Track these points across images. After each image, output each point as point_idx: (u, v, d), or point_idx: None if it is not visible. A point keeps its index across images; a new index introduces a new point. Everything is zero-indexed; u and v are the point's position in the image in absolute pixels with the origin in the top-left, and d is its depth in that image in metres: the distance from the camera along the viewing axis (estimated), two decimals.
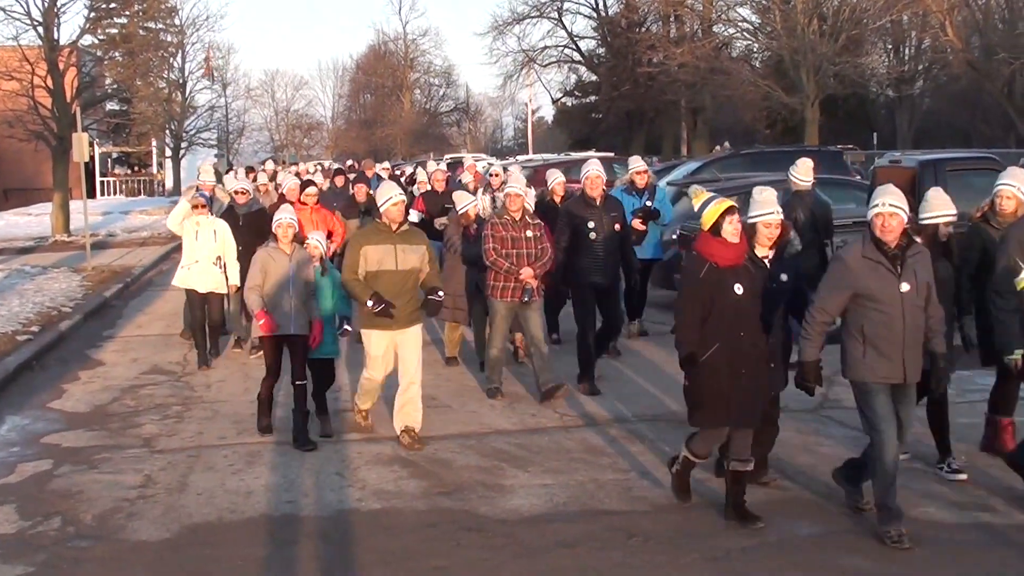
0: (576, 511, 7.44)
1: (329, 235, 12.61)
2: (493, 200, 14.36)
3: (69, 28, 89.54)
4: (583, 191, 11.17)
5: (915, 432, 8.98)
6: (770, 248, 7.33)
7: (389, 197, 8.94)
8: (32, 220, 35.67)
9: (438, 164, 20.84)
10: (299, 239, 9.62)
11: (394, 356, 9.15)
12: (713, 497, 7.64)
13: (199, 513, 7.58)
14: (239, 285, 11.99)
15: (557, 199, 12.85)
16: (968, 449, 8.39)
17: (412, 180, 21.93)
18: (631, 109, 56.92)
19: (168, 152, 50.04)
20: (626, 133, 58.88)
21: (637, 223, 12.67)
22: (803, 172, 11.71)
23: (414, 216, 14.62)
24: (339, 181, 19.37)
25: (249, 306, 9.43)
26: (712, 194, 7.39)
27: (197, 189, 13.32)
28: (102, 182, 51.71)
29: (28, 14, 28.76)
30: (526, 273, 10.25)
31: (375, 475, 8.31)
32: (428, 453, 8.83)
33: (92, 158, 44.81)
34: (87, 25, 32.25)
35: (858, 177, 20.34)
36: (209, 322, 12.47)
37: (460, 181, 17.92)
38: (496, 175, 16.20)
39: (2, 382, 11.63)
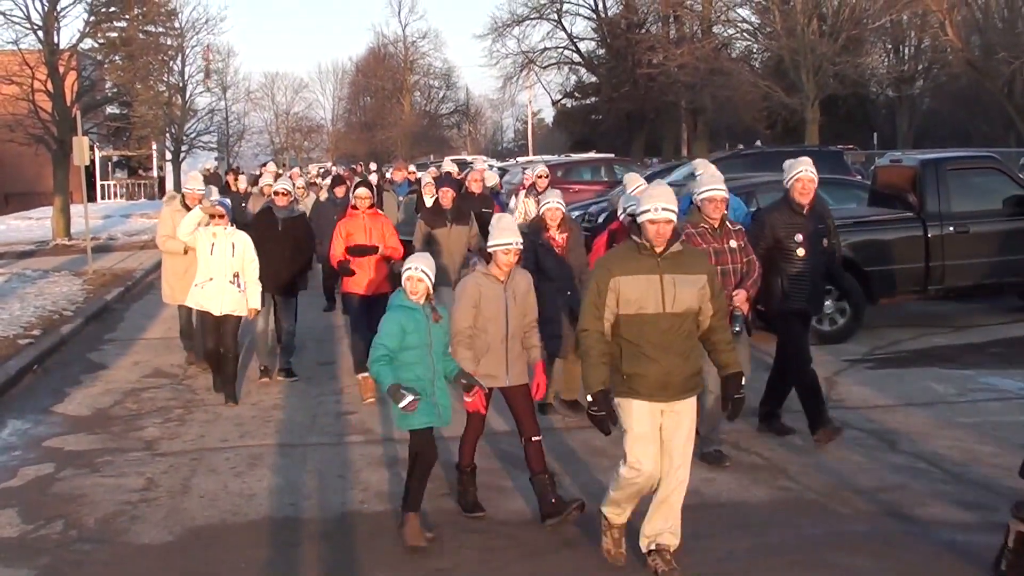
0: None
1: (370, 249, 10.89)
2: (537, 204, 13.71)
3: (69, 32, 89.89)
4: (788, 196, 8.88)
5: (918, 431, 9.00)
6: None
7: (647, 209, 6.10)
8: (33, 224, 35.73)
9: (473, 163, 19.56)
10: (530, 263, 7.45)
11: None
12: (715, 497, 7.64)
13: (202, 516, 7.57)
14: (259, 308, 10.94)
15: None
16: (972, 448, 8.40)
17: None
18: (631, 110, 56.96)
19: (168, 156, 50.02)
20: (626, 134, 58.94)
21: None
22: None
23: None
24: (339, 192, 16.23)
25: (458, 363, 7.19)
26: None
27: (183, 198, 12.07)
28: (102, 186, 51.74)
29: (28, 18, 28.84)
30: (739, 298, 8.21)
31: (377, 477, 8.31)
32: None
33: (92, 162, 44.87)
34: (87, 29, 32.28)
35: (859, 177, 20.35)
36: (222, 348, 10.84)
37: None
38: (542, 176, 14.00)
39: (4, 386, 11.63)
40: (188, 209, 11.60)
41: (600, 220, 13.59)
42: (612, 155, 41.12)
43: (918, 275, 13.16)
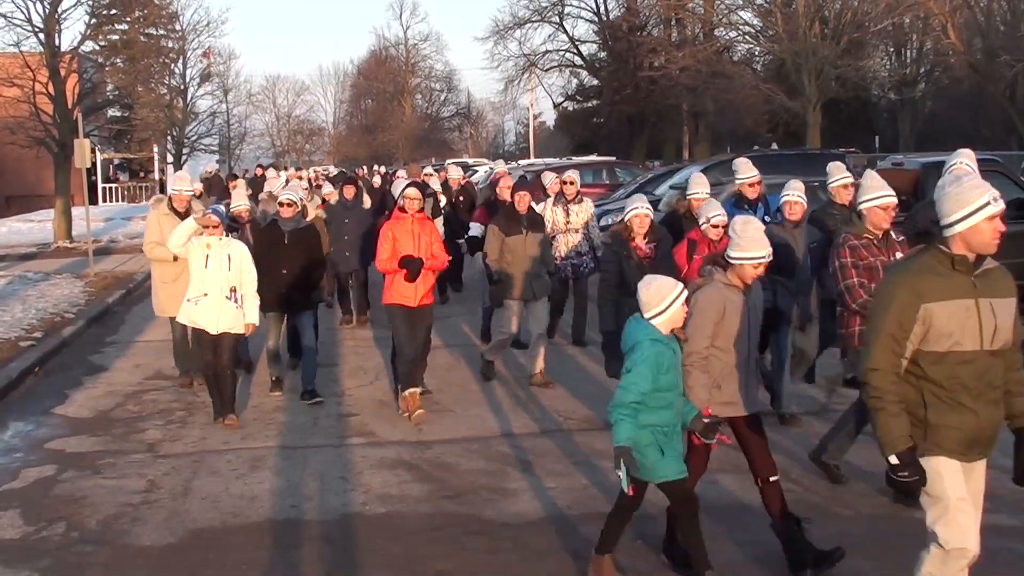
0: (580, 514, 7.43)
1: (412, 261, 9.89)
2: (567, 213, 12.68)
3: (70, 34, 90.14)
4: None
5: None
6: None
7: (984, 203, 4.67)
8: (34, 226, 35.73)
9: (505, 167, 18.84)
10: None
11: None
12: (717, 500, 7.63)
13: (203, 518, 7.57)
14: (256, 324, 10.23)
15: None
16: None
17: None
18: (632, 113, 57.05)
19: (170, 158, 50.07)
20: (628, 137, 59.02)
21: None
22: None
23: (476, 230, 13.15)
24: (349, 192, 15.27)
25: (691, 391, 6.14)
26: None
27: (170, 201, 11.36)
28: (104, 188, 51.75)
29: (29, 21, 28.85)
30: None
31: (379, 479, 8.30)
32: (432, 457, 8.83)
33: (94, 164, 44.86)
34: (88, 31, 32.31)
35: (859, 181, 20.32)
36: (216, 367, 10.04)
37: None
38: (571, 182, 12.91)
39: (5, 388, 11.62)
40: (176, 213, 11.04)
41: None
42: (614, 158, 41.15)
43: None
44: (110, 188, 52.56)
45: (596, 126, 63.49)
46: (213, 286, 9.86)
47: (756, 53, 48.76)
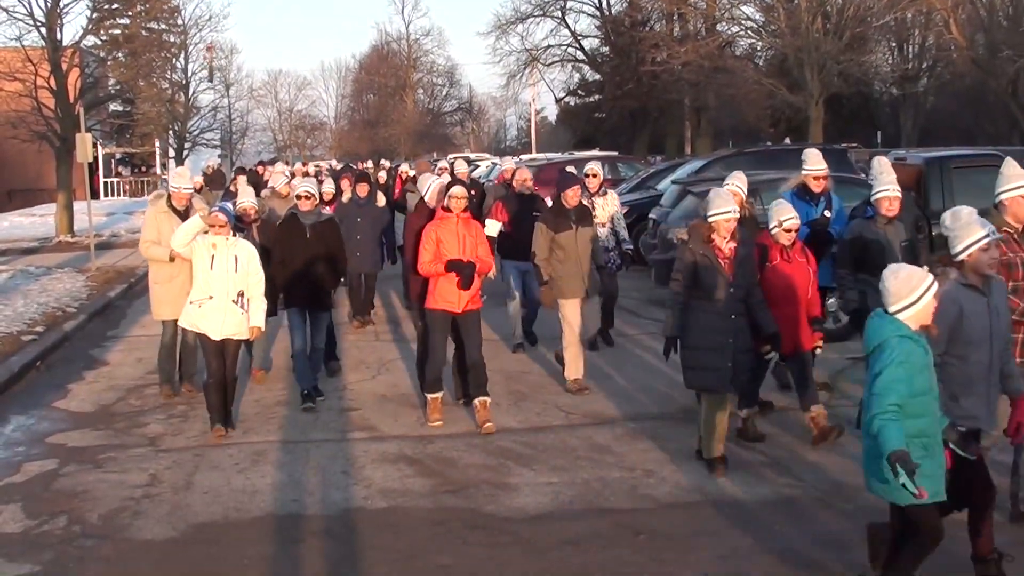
0: (582, 509, 7.44)
1: (463, 267, 9.30)
2: (592, 207, 12.08)
3: (72, 29, 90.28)
4: None
5: None
6: None
7: None
8: (36, 221, 35.74)
9: (517, 163, 18.10)
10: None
11: None
12: (719, 495, 7.63)
13: (205, 512, 7.57)
14: (261, 327, 9.60)
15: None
16: None
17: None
18: (635, 108, 56.96)
19: (172, 153, 50.08)
20: (630, 132, 58.92)
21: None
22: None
23: (492, 228, 12.53)
24: (362, 190, 14.51)
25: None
26: None
27: (169, 198, 10.74)
28: (105, 183, 51.75)
29: (31, 15, 28.83)
30: None
31: (381, 473, 8.30)
32: (434, 451, 8.83)
33: (95, 159, 44.86)
34: (90, 26, 32.31)
35: (863, 175, 20.29)
36: (225, 375, 9.49)
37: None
38: (593, 174, 12.47)
39: (7, 382, 11.61)
40: (175, 211, 10.58)
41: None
42: (616, 153, 41.10)
43: None
44: (112, 183, 52.57)
45: (598, 121, 63.38)
46: (219, 289, 9.28)
47: (758, 48, 48.76)
